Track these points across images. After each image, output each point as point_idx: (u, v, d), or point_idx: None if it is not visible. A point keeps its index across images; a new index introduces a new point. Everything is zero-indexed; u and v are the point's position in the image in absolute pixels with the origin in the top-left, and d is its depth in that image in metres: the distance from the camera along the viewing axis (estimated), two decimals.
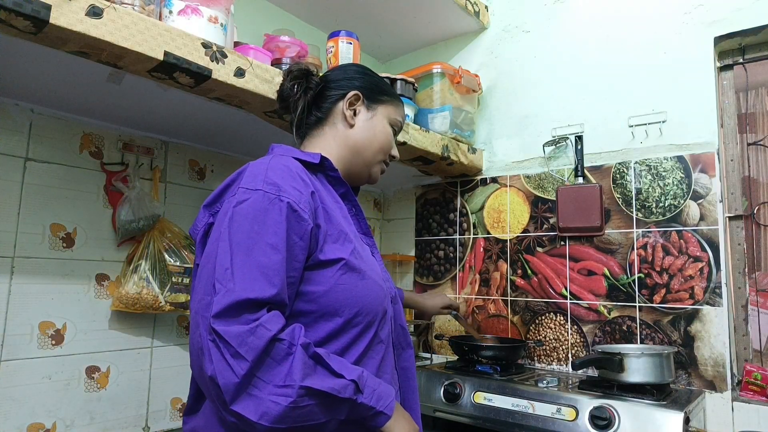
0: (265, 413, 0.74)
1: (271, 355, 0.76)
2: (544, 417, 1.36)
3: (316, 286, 0.86)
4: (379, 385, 0.86)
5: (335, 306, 0.87)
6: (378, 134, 1.09)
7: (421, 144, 1.73)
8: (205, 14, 1.18)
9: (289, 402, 0.75)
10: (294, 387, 0.75)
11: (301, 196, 0.86)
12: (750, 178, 1.68)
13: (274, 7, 1.93)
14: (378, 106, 1.10)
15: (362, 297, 0.89)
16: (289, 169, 0.89)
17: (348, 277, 0.88)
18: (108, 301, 1.45)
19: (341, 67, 1.15)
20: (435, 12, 2.03)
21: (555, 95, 1.93)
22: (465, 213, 2.10)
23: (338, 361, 0.83)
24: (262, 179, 0.85)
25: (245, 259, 0.79)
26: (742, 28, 1.60)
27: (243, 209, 0.83)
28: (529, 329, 1.87)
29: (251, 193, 0.84)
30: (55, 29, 0.93)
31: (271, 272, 0.79)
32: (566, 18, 1.95)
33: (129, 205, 1.46)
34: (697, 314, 1.57)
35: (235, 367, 0.74)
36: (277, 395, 0.74)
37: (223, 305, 0.76)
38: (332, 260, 0.88)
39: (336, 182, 1.02)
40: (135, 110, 1.41)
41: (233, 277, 0.78)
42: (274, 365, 0.76)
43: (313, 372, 0.78)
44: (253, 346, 0.74)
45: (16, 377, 1.28)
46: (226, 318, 0.76)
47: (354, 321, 0.88)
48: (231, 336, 0.74)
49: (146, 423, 1.51)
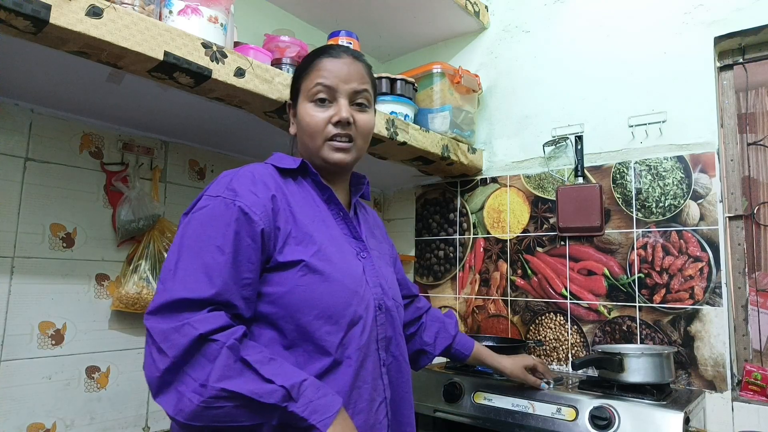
0: (181, 410, 0.76)
1: (203, 353, 0.77)
2: (544, 417, 1.36)
3: (276, 287, 0.87)
4: (321, 396, 0.81)
5: (294, 308, 0.87)
6: (301, 125, 1.01)
7: (421, 144, 1.73)
8: (205, 14, 1.18)
9: (200, 401, 0.75)
10: (207, 387, 0.76)
11: (257, 199, 0.88)
12: (750, 178, 1.68)
13: (274, 7, 1.93)
14: (298, 99, 1.02)
15: (322, 298, 0.88)
16: (252, 175, 0.91)
17: (308, 279, 0.88)
18: (108, 301, 1.45)
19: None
20: (435, 12, 2.03)
21: (555, 95, 1.93)
22: (465, 213, 2.10)
23: (276, 366, 0.81)
24: (225, 186, 0.89)
25: (192, 260, 0.82)
26: (742, 28, 1.60)
27: (200, 215, 0.87)
28: (529, 329, 1.87)
29: (212, 200, 0.87)
30: (55, 29, 0.93)
31: (214, 273, 0.82)
32: (566, 18, 1.95)
33: (129, 205, 1.46)
34: (697, 314, 1.57)
35: (157, 362, 0.77)
36: (193, 392, 0.76)
37: (158, 303, 0.80)
38: (291, 262, 0.88)
39: (319, 187, 1.01)
40: (135, 110, 1.41)
41: (174, 277, 0.81)
42: (206, 363, 0.77)
43: (236, 375, 0.77)
44: (175, 343, 0.76)
45: (16, 377, 1.28)
46: (159, 315, 0.79)
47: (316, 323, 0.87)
48: (157, 332, 0.78)
49: (146, 423, 1.51)
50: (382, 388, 0.96)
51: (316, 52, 1.04)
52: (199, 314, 0.79)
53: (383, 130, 1.58)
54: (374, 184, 2.34)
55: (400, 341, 1.03)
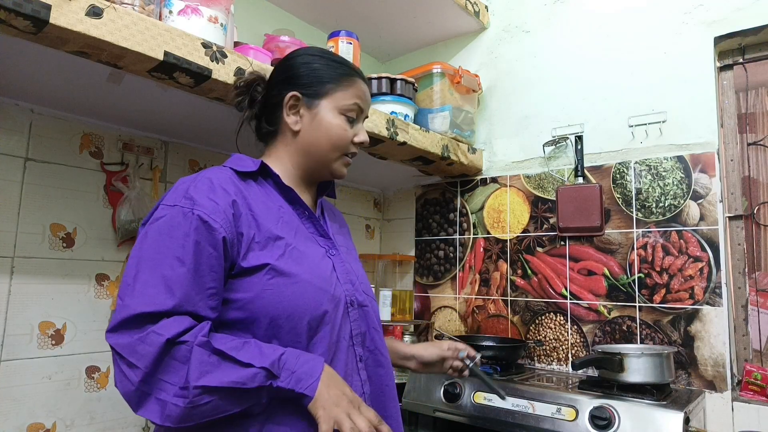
0: (168, 416, 0.76)
1: (175, 357, 0.77)
2: (544, 417, 1.36)
3: (243, 293, 0.86)
4: (303, 363, 0.83)
5: (263, 312, 0.86)
6: (326, 131, 1.00)
7: (421, 144, 1.73)
8: (205, 14, 1.18)
9: (186, 403, 0.75)
10: (189, 388, 0.76)
11: (217, 206, 0.86)
12: (750, 178, 1.68)
13: (274, 7, 1.93)
14: (320, 101, 1.00)
15: (291, 300, 0.87)
16: (210, 181, 0.89)
17: (275, 282, 0.87)
18: (108, 301, 1.45)
19: (281, 62, 1.06)
20: (435, 12, 2.03)
21: (555, 95, 1.93)
22: (465, 213, 2.10)
23: (251, 348, 0.82)
24: (182, 195, 0.86)
25: (150, 273, 0.80)
26: (742, 28, 1.60)
27: (157, 226, 0.84)
28: (529, 329, 1.87)
29: (168, 209, 0.85)
30: (55, 29, 0.93)
31: (174, 284, 0.80)
32: (566, 18, 1.95)
33: (129, 205, 1.46)
34: (697, 314, 1.57)
35: (129, 376, 0.76)
36: (176, 397, 0.76)
37: (118, 320, 0.78)
38: (256, 267, 0.87)
39: (281, 188, 0.99)
40: (135, 110, 1.41)
41: (132, 291, 0.80)
42: (179, 366, 0.77)
43: (214, 369, 0.78)
44: (144, 353, 0.76)
45: (16, 377, 1.28)
46: (120, 331, 0.78)
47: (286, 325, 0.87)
48: (122, 347, 0.77)
49: (146, 423, 1.51)
50: (359, 384, 0.96)
51: (349, 67, 1.05)
52: (160, 322, 0.78)
53: (383, 130, 1.58)
54: (374, 184, 2.34)
55: (375, 335, 1.02)
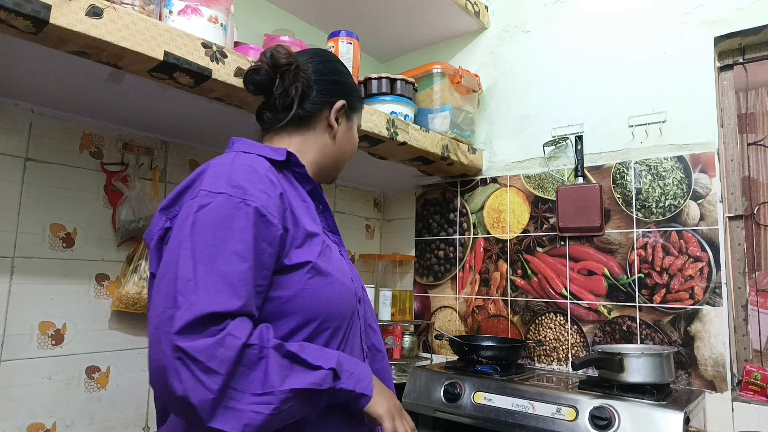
0: (247, 424, 0.71)
1: (243, 363, 0.72)
2: (544, 417, 1.36)
3: (282, 291, 0.82)
4: (355, 366, 0.84)
5: (301, 311, 0.83)
6: (352, 144, 1.09)
7: (421, 144, 1.73)
8: (205, 14, 1.18)
9: (272, 409, 0.72)
10: (274, 393, 0.72)
11: (270, 199, 0.81)
12: (750, 178, 1.68)
13: (274, 7, 1.93)
14: (354, 115, 1.08)
15: (330, 301, 0.86)
16: (254, 169, 0.83)
17: (315, 281, 0.84)
18: (108, 301, 1.45)
19: (325, 61, 1.05)
20: (435, 12, 2.03)
21: (555, 95, 1.93)
22: (465, 213, 2.10)
23: (313, 350, 0.80)
24: (225, 181, 0.80)
25: (209, 268, 0.74)
26: (742, 28, 1.60)
27: (205, 214, 0.77)
28: (529, 329, 1.87)
29: (214, 196, 0.78)
30: (55, 29, 0.93)
31: (237, 282, 0.75)
32: (566, 18, 1.95)
33: (129, 205, 1.46)
34: (697, 314, 1.57)
35: (208, 384, 0.69)
36: (257, 404, 0.71)
37: (186, 320, 0.70)
38: (298, 264, 0.83)
39: (303, 179, 0.97)
40: (135, 110, 1.41)
41: (196, 289, 0.73)
42: (248, 373, 0.72)
43: (290, 372, 0.75)
44: (223, 358, 0.70)
45: (16, 377, 1.28)
46: (190, 333, 0.70)
47: (323, 326, 0.85)
48: (198, 351, 0.69)
49: (146, 423, 1.51)
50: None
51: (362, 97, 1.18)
52: (230, 323, 0.73)
53: (383, 130, 1.58)
54: (374, 184, 2.34)
55: (371, 331, 1.03)
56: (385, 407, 0.84)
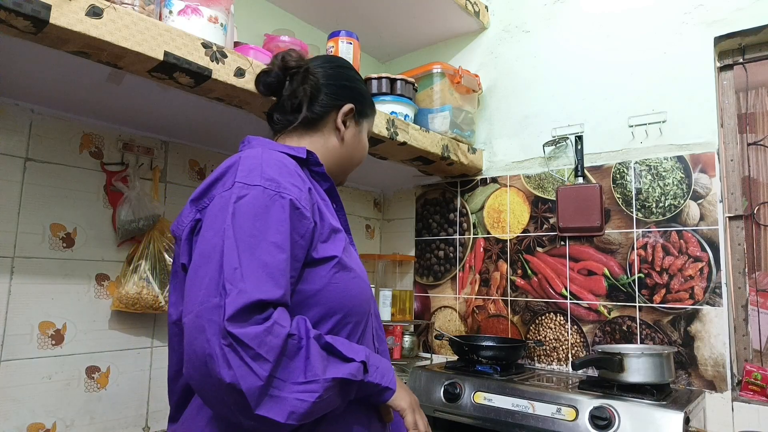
0: (292, 412, 0.72)
1: (290, 351, 0.74)
2: (544, 417, 1.36)
3: (309, 285, 0.84)
4: (380, 361, 0.87)
5: (325, 304, 0.85)
6: (361, 150, 1.09)
7: (421, 144, 1.73)
8: (205, 14, 1.18)
9: (316, 397, 0.74)
10: (318, 381, 0.74)
11: (301, 192, 0.83)
12: (750, 178, 1.68)
13: (274, 7, 1.93)
14: (364, 121, 1.09)
15: (353, 296, 0.88)
16: (284, 164, 0.86)
17: (340, 276, 0.86)
18: (108, 301, 1.45)
19: (336, 67, 1.07)
20: (435, 12, 2.03)
21: (555, 95, 1.93)
22: (465, 213, 2.10)
23: (344, 344, 0.82)
24: (258, 174, 0.81)
25: (250, 258, 0.75)
26: (742, 28, 1.60)
27: (243, 205, 0.78)
28: (529, 329, 1.87)
29: (249, 188, 0.79)
30: (55, 29, 0.93)
31: (277, 272, 0.76)
32: (566, 18, 1.95)
33: (129, 205, 1.46)
34: (697, 314, 1.57)
35: (257, 370, 0.70)
36: (301, 392, 0.73)
37: (237, 307, 0.71)
38: (326, 258, 0.85)
39: (321, 177, 0.99)
40: (135, 110, 1.41)
41: (243, 277, 0.74)
42: (289, 362, 0.73)
43: (331, 362, 0.78)
44: (273, 345, 0.72)
45: (16, 377, 1.28)
46: (240, 320, 0.71)
47: (345, 320, 0.87)
48: (250, 338, 0.70)
49: (146, 423, 1.51)
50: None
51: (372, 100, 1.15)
52: (273, 312, 0.74)
53: (383, 130, 1.58)
54: (374, 184, 2.34)
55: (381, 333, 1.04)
56: (407, 401, 0.88)
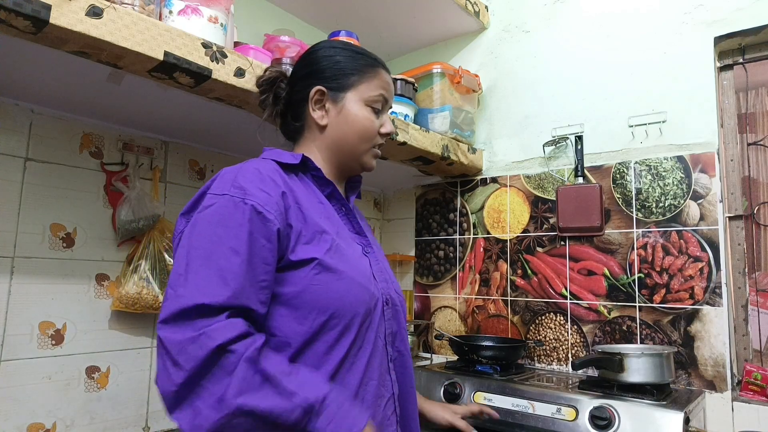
0: (198, 425, 0.72)
1: (220, 365, 0.73)
2: (544, 417, 1.36)
3: (289, 287, 0.84)
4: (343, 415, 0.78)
5: (309, 307, 0.84)
6: (353, 124, 1.00)
7: (421, 144, 1.73)
8: (205, 14, 1.18)
9: (219, 417, 0.71)
10: (224, 402, 0.72)
11: (269, 197, 0.84)
12: (750, 178, 1.68)
13: (274, 7, 1.93)
14: (345, 94, 1.00)
15: (338, 298, 0.86)
16: (259, 171, 0.87)
17: (322, 278, 0.86)
18: (108, 301, 1.45)
19: (303, 56, 1.06)
20: (435, 12, 2.03)
21: (555, 95, 1.93)
22: (465, 213, 2.10)
23: (300, 378, 0.78)
24: (230, 184, 0.85)
25: (204, 263, 0.78)
26: (742, 28, 1.60)
27: (207, 215, 0.82)
28: (529, 329, 1.87)
29: (217, 198, 0.83)
30: (55, 29, 0.93)
31: (229, 276, 0.77)
32: (566, 18, 1.95)
33: (129, 205, 1.46)
34: (697, 314, 1.57)
35: (172, 376, 0.72)
36: (212, 408, 0.72)
37: (170, 311, 0.75)
38: (304, 260, 0.85)
39: (321, 182, 1.00)
40: (135, 110, 1.41)
41: (185, 282, 0.77)
42: (223, 376, 0.73)
43: (255, 390, 0.73)
44: (192, 355, 0.72)
45: (16, 377, 1.28)
46: (173, 324, 0.74)
47: (330, 323, 0.85)
48: (172, 343, 0.73)
49: (146, 423, 1.51)
50: (390, 384, 0.96)
51: (372, 57, 1.06)
52: (216, 322, 0.74)
53: None
54: (374, 184, 2.34)
55: (405, 336, 1.02)
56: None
